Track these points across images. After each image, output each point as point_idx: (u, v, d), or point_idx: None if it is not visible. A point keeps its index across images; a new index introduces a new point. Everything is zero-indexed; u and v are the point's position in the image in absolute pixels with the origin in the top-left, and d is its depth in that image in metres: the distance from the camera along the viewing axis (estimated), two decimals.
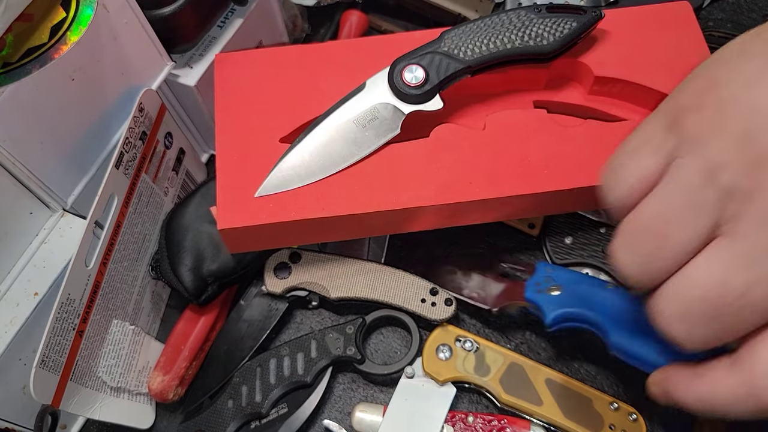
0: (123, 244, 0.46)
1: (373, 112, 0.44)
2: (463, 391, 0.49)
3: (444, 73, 0.43)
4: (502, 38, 0.43)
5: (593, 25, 0.45)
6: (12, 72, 0.37)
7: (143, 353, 0.48)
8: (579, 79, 0.49)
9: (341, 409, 0.50)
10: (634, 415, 0.46)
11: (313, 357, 0.48)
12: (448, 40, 0.43)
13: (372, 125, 0.44)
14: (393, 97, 0.44)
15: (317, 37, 0.64)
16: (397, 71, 0.43)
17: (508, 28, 0.43)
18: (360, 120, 0.44)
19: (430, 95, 0.43)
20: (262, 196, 0.43)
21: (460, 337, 0.48)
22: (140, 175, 0.47)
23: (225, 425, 0.47)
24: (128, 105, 0.45)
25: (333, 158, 0.44)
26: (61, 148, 0.43)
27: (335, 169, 0.44)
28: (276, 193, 0.43)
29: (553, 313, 0.44)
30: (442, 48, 0.43)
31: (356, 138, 0.44)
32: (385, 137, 0.44)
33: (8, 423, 0.42)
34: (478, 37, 0.43)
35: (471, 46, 0.43)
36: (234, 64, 0.48)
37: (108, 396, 0.45)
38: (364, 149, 0.44)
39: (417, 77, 0.43)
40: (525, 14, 0.44)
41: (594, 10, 0.44)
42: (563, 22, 0.44)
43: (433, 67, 0.43)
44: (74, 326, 0.41)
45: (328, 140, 0.44)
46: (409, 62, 0.43)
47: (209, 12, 0.51)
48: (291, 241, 0.46)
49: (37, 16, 0.39)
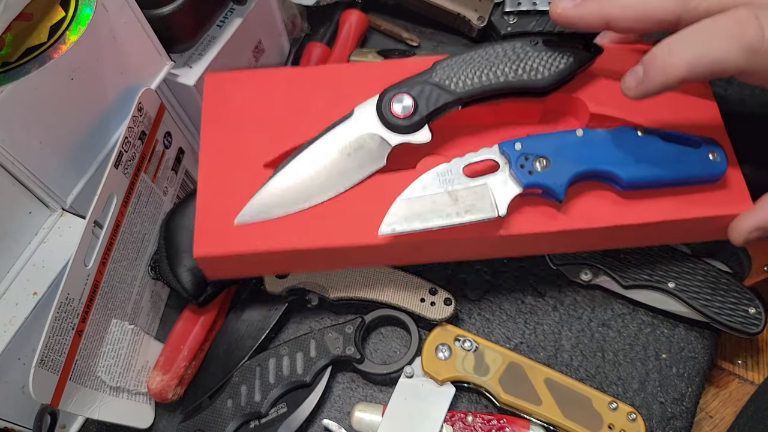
0: (122, 244, 0.46)
1: (360, 142, 0.43)
2: (463, 391, 0.49)
3: (434, 105, 0.42)
4: (496, 71, 0.42)
5: (592, 60, 0.43)
6: (11, 71, 0.37)
7: (142, 353, 0.48)
8: (575, 114, 0.47)
9: (340, 408, 0.50)
10: (633, 415, 0.46)
11: (313, 357, 0.48)
12: (439, 70, 0.42)
13: (358, 155, 0.43)
14: (381, 126, 0.42)
15: (317, 36, 0.64)
16: (386, 101, 0.42)
17: (502, 60, 0.42)
18: (346, 149, 0.43)
19: (418, 126, 0.42)
20: (242, 224, 0.42)
21: (459, 336, 0.48)
22: (139, 175, 0.47)
23: (224, 425, 0.47)
24: (127, 104, 0.45)
25: (316, 188, 0.43)
26: (61, 147, 0.43)
27: (318, 199, 0.43)
28: (256, 221, 0.42)
29: (561, 189, 0.41)
30: (433, 78, 0.42)
31: (341, 168, 0.43)
32: (370, 168, 0.43)
33: (7, 422, 0.42)
34: (471, 68, 0.42)
35: (463, 77, 0.42)
36: (224, 83, 0.47)
37: (107, 395, 0.45)
38: (349, 180, 0.43)
39: (406, 108, 0.42)
40: (520, 46, 0.42)
41: (594, 46, 0.43)
42: (560, 57, 0.42)
43: (423, 97, 0.42)
44: (73, 326, 0.41)
45: (312, 169, 0.43)
46: (399, 92, 0.42)
47: (208, 11, 0.51)
48: (271, 270, 0.46)
49: (37, 15, 0.39)
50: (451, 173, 0.41)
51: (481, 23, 0.61)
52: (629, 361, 0.50)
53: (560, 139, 0.42)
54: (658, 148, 0.42)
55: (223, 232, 0.42)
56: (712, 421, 0.53)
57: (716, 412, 0.54)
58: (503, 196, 0.41)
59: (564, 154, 0.41)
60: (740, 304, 0.48)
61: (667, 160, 0.41)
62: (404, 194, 0.41)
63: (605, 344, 0.51)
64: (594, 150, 0.42)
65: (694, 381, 0.50)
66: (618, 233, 0.43)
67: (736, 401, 0.54)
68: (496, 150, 0.42)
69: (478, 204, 0.40)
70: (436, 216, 0.40)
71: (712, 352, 0.51)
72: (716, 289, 0.49)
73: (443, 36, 0.65)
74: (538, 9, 0.60)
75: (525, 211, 0.42)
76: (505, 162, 0.41)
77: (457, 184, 0.41)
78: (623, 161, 0.41)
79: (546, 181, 0.41)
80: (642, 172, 0.41)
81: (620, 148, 0.41)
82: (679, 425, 0.48)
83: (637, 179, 0.41)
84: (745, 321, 0.48)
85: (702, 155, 0.42)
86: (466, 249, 0.46)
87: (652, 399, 0.49)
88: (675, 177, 0.42)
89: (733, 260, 0.50)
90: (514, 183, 0.41)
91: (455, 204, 0.40)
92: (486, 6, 0.61)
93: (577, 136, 0.42)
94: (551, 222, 0.42)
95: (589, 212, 0.42)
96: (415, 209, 0.40)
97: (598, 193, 0.43)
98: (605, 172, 0.41)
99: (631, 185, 0.41)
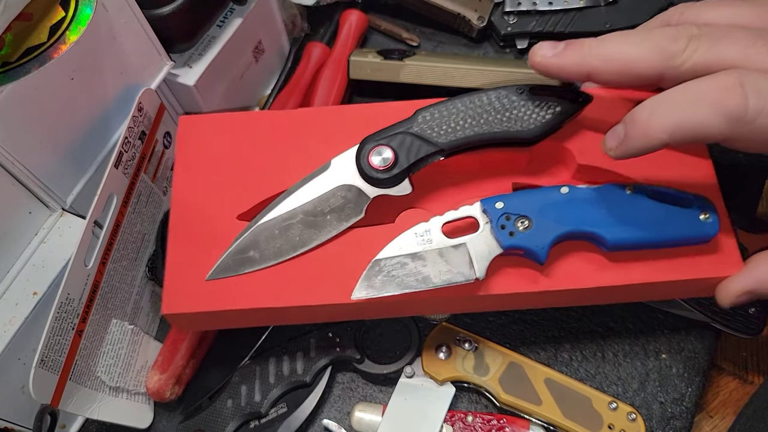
0: (122, 244, 0.46)
1: (337, 194, 0.41)
2: (463, 391, 0.49)
3: (414, 157, 0.40)
4: (480, 121, 0.40)
5: (580, 110, 0.42)
6: (11, 71, 0.37)
7: (142, 353, 0.48)
8: (563, 163, 0.45)
9: (340, 408, 0.50)
10: (633, 415, 0.46)
11: (313, 356, 0.48)
12: (421, 119, 0.40)
13: (335, 208, 0.41)
14: (359, 179, 0.41)
15: (317, 36, 0.64)
16: (365, 152, 0.40)
17: (486, 110, 0.40)
18: (322, 202, 0.41)
19: (398, 179, 0.40)
20: (214, 279, 0.41)
21: (459, 336, 0.48)
22: (139, 175, 0.47)
23: (224, 425, 0.47)
24: (127, 104, 0.45)
25: (291, 242, 0.41)
26: (60, 147, 0.43)
27: (292, 254, 0.41)
28: (228, 276, 0.41)
29: (543, 252, 0.40)
30: (414, 128, 0.40)
31: (317, 221, 0.41)
32: (348, 221, 0.41)
33: (7, 422, 0.42)
34: (454, 118, 0.40)
35: (446, 128, 0.40)
36: (197, 127, 0.46)
37: (107, 395, 0.45)
38: (325, 234, 0.41)
39: (385, 160, 0.40)
40: (505, 95, 0.40)
41: (582, 95, 0.41)
42: (546, 107, 0.40)
43: (404, 149, 0.40)
44: (73, 326, 0.41)
45: (287, 223, 0.41)
46: (378, 143, 0.40)
47: (208, 11, 0.51)
48: (245, 324, 0.44)
49: (37, 15, 0.39)
50: (429, 233, 0.40)
51: (481, 23, 0.61)
52: (629, 361, 0.50)
53: (544, 197, 0.40)
54: (647, 208, 0.40)
55: (193, 288, 0.41)
56: (712, 421, 0.53)
57: (716, 412, 0.54)
58: (482, 257, 0.39)
59: (547, 214, 0.40)
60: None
61: (656, 221, 0.40)
62: (380, 255, 0.39)
63: (605, 344, 0.51)
64: (579, 210, 0.40)
65: (694, 381, 0.50)
66: (602, 293, 0.42)
67: (736, 401, 0.54)
68: (477, 208, 0.40)
69: (455, 266, 0.39)
70: (412, 279, 0.39)
71: (712, 352, 0.51)
72: None
73: (443, 36, 0.65)
74: (538, 9, 0.60)
75: (505, 272, 0.41)
76: (486, 221, 0.40)
77: (435, 244, 0.39)
78: (609, 222, 0.40)
79: (527, 243, 0.39)
80: (628, 234, 0.39)
81: (606, 208, 0.40)
82: (679, 425, 0.48)
83: (624, 242, 0.40)
84: (745, 321, 0.48)
85: (693, 216, 0.40)
86: (444, 306, 0.45)
87: (652, 399, 0.49)
88: (663, 239, 0.40)
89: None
90: (495, 244, 0.39)
91: (432, 266, 0.39)
92: (486, 6, 0.61)
93: (562, 194, 0.40)
94: (532, 284, 0.41)
95: (572, 274, 0.41)
96: (390, 272, 0.39)
97: (582, 254, 0.41)
98: (590, 233, 0.40)
99: (617, 247, 0.40)
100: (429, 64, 0.56)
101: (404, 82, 0.57)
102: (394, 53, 0.58)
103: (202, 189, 0.44)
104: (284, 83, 0.61)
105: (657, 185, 0.41)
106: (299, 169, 0.43)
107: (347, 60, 0.58)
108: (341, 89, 0.59)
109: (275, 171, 0.44)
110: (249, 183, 0.44)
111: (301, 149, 0.45)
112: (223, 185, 0.44)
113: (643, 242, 0.40)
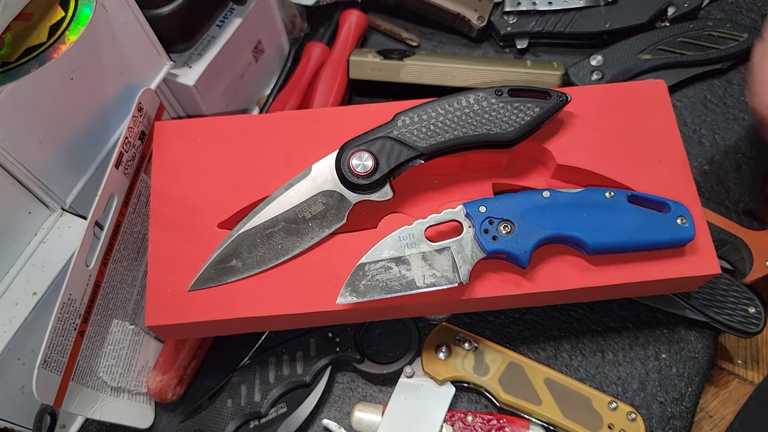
0: (123, 244, 0.46)
1: (318, 200, 0.41)
2: (463, 391, 0.49)
3: (395, 161, 0.40)
4: (460, 124, 0.40)
5: (558, 110, 0.42)
6: (11, 71, 0.37)
7: (143, 353, 0.48)
8: (542, 162, 0.46)
9: (340, 408, 0.50)
10: (632, 415, 0.46)
11: (312, 356, 0.48)
12: (400, 123, 0.40)
13: (317, 215, 0.41)
14: (340, 185, 0.41)
15: (316, 36, 0.64)
16: (345, 158, 0.40)
17: (466, 113, 0.40)
18: (304, 209, 0.41)
19: (379, 184, 0.40)
20: (195, 290, 0.41)
21: (459, 336, 0.48)
22: (140, 175, 0.47)
23: (224, 425, 0.47)
24: (127, 104, 0.45)
25: (273, 250, 0.41)
26: (60, 147, 0.43)
27: (274, 262, 0.41)
28: (210, 287, 0.41)
29: (525, 256, 0.40)
30: (393, 133, 0.40)
31: (299, 229, 0.41)
32: (329, 228, 0.41)
33: (7, 422, 0.42)
34: (434, 122, 0.40)
35: (425, 131, 0.40)
36: (174, 134, 0.45)
37: (108, 396, 0.45)
38: (307, 241, 0.41)
39: (366, 165, 0.40)
40: (485, 98, 0.41)
41: (560, 95, 0.42)
42: (525, 108, 0.41)
43: (384, 154, 0.40)
44: (75, 326, 0.41)
45: (269, 231, 0.41)
46: (358, 149, 0.40)
47: (208, 11, 0.51)
48: (230, 332, 0.44)
49: (36, 15, 0.39)
50: (412, 237, 0.40)
51: (480, 23, 0.61)
52: (629, 361, 0.50)
53: (526, 201, 0.41)
54: (626, 212, 0.41)
55: (175, 299, 0.41)
56: (712, 420, 0.53)
57: (716, 412, 0.54)
58: (466, 261, 0.39)
59: (529, 219, 0.40)
60: (740, 304, 0.48)
61: (635, 226, 0.41)
62: (364, 259, 0.39)
63: (605, 344, 0.51)
64: (560, 214, 0.41)
65: (694, 381, 0.50)
66: (583, 293, 0.43)
67: (735, 401, 0.54)
68: (460, 212, 0.40)
69: (439, 271, 0.39)
70: (397, 283, 0.39)
71: (712, 352, 0.51)
72: (716, 289, 0.49)
73: (443, 36, 0.65)
74: (537, 9, 0.60)
75: (488, 276, 0.42)
76: (470, 225, 0.40)
77: (418, 248, 0.39)
78: (589, 227, 0.40)
79: (510, 248, 0.40)
80: (608, 238, 0.40)
81: (587, 212, 0.41)
82: (679, 425, 0.48)
83: (603, 246, 0.41)
84: (744, 320, 0.48)
85: (671, 220, 0.41)
86: (429, 309, 0.46)
87: (652, 399, 0.49)
88: (642, 243, 0.41)
89: (734, 256, 0.50)
90: (478, 249, 0.40)
91: (416, 270, 0.39)
92: (486, 6, 0.61)
93: (544, 198, 0.41)
94: (515, 287, 0.41)
95: (553, 276, 0.42)
96: (374, 277, 0.39)
97: (563, 257, 0.42)
98: (571, 237, 0.41)
99: (597, 251, 0.41)
100: (429, 64, 0.56)
101: (404, 82, 0.57)
102: (394, 53, 0.58)
103: (181, 198, 0.43)
104: (284, 83, 0.61)
105: (636, 191, 0.42)
106: (280, 173, 0.43)
107: (347, 60, 0.58)
108: (341, 89, 0.59)
109: (255, 177, 0.44)
110: (229, 190, 0.43)
111: (280, 153, 0.44)
112: (202, 193, 0.43)
113: (622, 246, 0.41)
